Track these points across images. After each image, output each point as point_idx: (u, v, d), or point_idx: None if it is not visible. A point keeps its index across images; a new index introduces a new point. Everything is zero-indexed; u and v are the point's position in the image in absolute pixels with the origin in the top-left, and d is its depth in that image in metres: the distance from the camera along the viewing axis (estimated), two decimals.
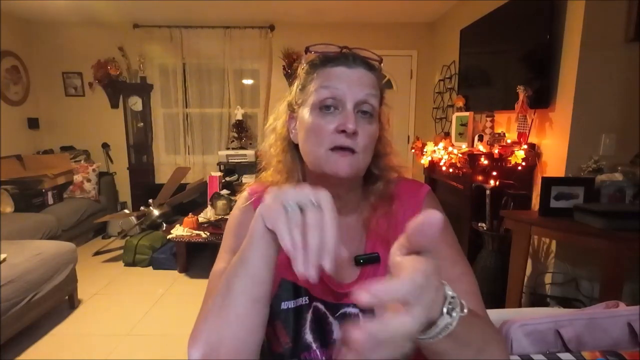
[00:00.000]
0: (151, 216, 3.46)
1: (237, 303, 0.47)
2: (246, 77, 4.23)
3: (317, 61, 0.61)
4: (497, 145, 2.18)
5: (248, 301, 0.47)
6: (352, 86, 0.57)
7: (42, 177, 3.46)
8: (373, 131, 0.60)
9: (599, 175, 1.77)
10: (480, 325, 0.45)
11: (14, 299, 1.85)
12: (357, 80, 0.58)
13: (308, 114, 0.60)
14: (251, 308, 0.48)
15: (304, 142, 0.61)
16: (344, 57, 0.59)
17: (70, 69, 4.10)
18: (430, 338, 0.35)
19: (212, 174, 3.69)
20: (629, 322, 0.73)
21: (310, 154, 0.61)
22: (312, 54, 0.62)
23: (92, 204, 3.74)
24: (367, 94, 0.58)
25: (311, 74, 0.61)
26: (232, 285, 0.48)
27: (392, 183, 0.67)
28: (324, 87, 0.58)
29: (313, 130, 0.59)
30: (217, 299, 0.49)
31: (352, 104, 0.57)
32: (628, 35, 1.79)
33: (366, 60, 0.61)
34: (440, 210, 0.68)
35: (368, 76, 0.60)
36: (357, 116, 0.58)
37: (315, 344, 0.64)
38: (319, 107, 0.58)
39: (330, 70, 0.59)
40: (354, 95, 0.57)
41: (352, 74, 0.58)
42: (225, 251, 0.63)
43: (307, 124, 0.60)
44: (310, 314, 0.64)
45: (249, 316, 0.48)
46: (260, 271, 0.47)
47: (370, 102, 0.58)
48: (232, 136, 4.16)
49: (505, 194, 2.11)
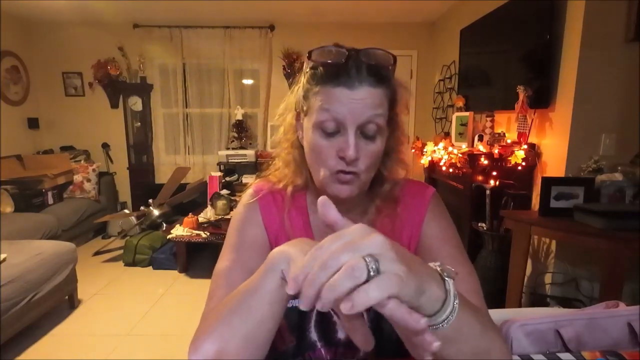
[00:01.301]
0: (151, 216, 3.46)
1: (242, 334, 0.46)
2: (246, 77, 4.23)
3: (319, 74, 0.57)
4: (497, 145, 2.18)
5: (253, 335, 0.46)
6: (355, 109, 0.54)
7: (42, 177, 3.46)
8: (377, 150, 0.58)
9: (599, 175, 1.77)
10: (476, 309, 0.45)
11: (14, 299, 1.85)
12: (360, 102, 0.54)
13: (311, 130, 0.58)
14: (254, 344, 0.47)
15: (308, 155, 0.61)
16: (347, 75, 0.54)
17: (70, 69, 4.10)
18: (448, 315, 0.37)
19: (212, 174, 3.69)
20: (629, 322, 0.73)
21: (314, 171, 0.61)
22: (313, 59, 0.58)
23: (92, 204, 3.73)
24: (371, 116, 0.55)
25: (313, 86, 0.58)
26: (235, 317, 0.47)
27: (398, 185, 0.66)
28: (325, 109, 0.55)
29: (315, 151, 0.58)
30: (222, 323, 0.47)
31: (353, 128, 0.55)
32: (628, 35, 1.79)
33: (374, 71, 0.55)
34: (445, 212, 0.68)
35: (374, 95, 0.55)
36: (359, 138, 0.56)
37: (320, 343, 0.64)
38: (320, 127, 0.57)
39: (331, 91, 0.55)
40: (355, 119, 0.54)
41: (355, 95, 0.54)
42: (229, 249, 0.62)
43: (310, 141, 0.59)
44: (315, 312, 0.64)
45: (252, 349, 0.47)
46: (270, 314, 0.46)
47: (375, 122, 0.55)
48: (232, 136, 4.16)
49: (505, 194, 2.11)
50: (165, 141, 4.30)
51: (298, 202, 0.67)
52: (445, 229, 0.65)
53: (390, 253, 0.32)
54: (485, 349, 0.44)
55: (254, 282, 0.47)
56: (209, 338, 0.48)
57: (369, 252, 0.31)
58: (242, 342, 0.46)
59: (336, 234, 0.34)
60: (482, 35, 2.73)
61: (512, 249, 1.87)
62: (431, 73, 3.99)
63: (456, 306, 0.38)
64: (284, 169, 0.67)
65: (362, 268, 0.30)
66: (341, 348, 0.65)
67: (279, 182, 0.67)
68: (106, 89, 4.10)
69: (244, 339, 0.46)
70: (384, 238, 0.33)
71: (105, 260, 3.25)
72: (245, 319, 0.46)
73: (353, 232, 0.34)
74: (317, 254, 0.33)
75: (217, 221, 3.04)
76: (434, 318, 0.37)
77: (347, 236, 0.33)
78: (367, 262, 0.30)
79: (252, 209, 0.66)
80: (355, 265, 0.30)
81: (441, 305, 0.37)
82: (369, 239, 0.32)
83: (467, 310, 0.41)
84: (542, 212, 1.77)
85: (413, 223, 0.65)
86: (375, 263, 0.31)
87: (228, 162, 3.98)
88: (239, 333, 0.46)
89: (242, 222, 0.66)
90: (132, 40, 4.00)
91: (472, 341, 0.43)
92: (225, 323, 0.47)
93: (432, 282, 0.36)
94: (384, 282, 0.30)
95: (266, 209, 0.67)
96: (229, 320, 0.47)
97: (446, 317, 0.37)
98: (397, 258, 0.32)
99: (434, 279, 0.37)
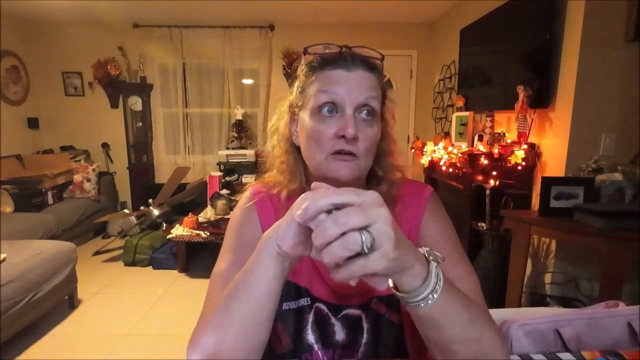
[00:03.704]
0: (151, 216, 3.46)
1: (241, 319, 0.47)
2: (246, 76, 4.23)
3: (316, 63, 0.60)
4: (497, 145, 2.18)
5: (251, 318, 0.47)
6: (351, 90, 0.56)
7: (42, 177, 3.46)
8: (374, 134, 0.59)
9: (599, 175, 1.77)
10: (467, 299, 0.47)
11: (14, 299, 1.85)
12: (356, 83, 0.57)
13: (308, 118, 0.59)
14: (252, 328, 0.47)
15: (305, 146, 0.61)
16: (343, 59, 0.58)
17: (70, 68, 4.10)
18: (432, 291, 0.41)
19: (212, 173, 3.70)
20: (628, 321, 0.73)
21: (311, 159, 0.60)
22: (310, 55, 0.61)
23: (92, 204, 3.74)
24: (367, 97, 0.57)
25: (310, 77, 0.60)
26: (234, 301, 0.47)
27: (395, 185, 0.66)
28: (323, 91, 0.57)
29: (313, 136, 0.58)
30: (220, 311, 0.48)
31: (351, 108, 0.56)
32: (628, 35, 1.79)
33: (366, 60, 0.59)
34: (443, 212, 0.68)
35: (368, 78, 0.58)
36: (357, 120, 0.57)
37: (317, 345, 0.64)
38: (318, 111, 0.58)
39: (329, 73, 0.58)
40: (353, 99, 0.56)
41: (351, 77, 0.57)
42: (227, 251, 0.62)
43: (307, 129, 0.59)
44: (312, 314, 0.64)
45: (250, 335, 0.47)
46: (268, 292, 0.46)
47: (371, 105, 0.57)
48: (232, 136, 4.16)
49: (505, 194, 2.11)
50: (165, 141, 4.29)
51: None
52: (444, 229, 0.65)
53: (389, 230, 0.35)
54: (475, 338, 0.46)
55: (249, 263, 0.47)
56: (206, 330, 0.48)
57: (374, 221, 0.35)
58: (241, 326, 0.46)
59: (355, 190, 0.37)
60: (482, 35, 2.73)
61: (512, 249, 1.87)
62: (431, 73, 3.99)
63: (438, 288, 0.41)
64: (278, 176, 0.67)
65: (357, 242, 0.34)
66: (338, 350, 0.64)
67: (274, 186, 0.68)
68: (106, 88, 4.09)
69: (243, 322, 0.46)
70: (389, 214, 0.36)
71: (105, 260, 3.25)
72: (244, 301, 0.46)
73: (368, 195, 0.37)
74: (332, 199, 0.36)
75: (217, 221, 3.04)
76: (413, 294, 0.41)
77: (364, 197, 0.37)
78: (362, 238, 0.34)
79: (249, 211, 0.66)
80: (351, 239, 0.34)
81: (421, 283, 0.41)
82: (378, 210, 0.36)
83: (454, 297, 0.44)
84: (542, 212, 1.76)
85: (411, 222, 0.65)
86: (370, 240, 0.34)
87: (228, 162, 3.98)
88: (238, 318, 0.46)
89: (240, 224, 0.66)
90: (132, 40, 4.00)
91: (458, 327, 0.45)
92: (222, 311, 0.48)
93: (415, 263, 0.40)
94: (371, 263, 0.35)
95: (263, 211, 0.67)
96: (225, 308, 0.47)
97: (425, 296, 0.41)
98: (392, 236, 0.35)
99: (419, 260, 0.41)
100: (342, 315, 0.64)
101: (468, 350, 0.46)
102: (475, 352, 0.46)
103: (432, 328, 0.45)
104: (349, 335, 0.64)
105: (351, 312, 0.64)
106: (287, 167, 0.66)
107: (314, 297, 0.64)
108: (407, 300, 0.42)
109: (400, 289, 0.42)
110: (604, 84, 1.85)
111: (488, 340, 0.47)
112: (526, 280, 2.10)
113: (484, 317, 0.48)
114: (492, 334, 0.47)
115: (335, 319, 0.64)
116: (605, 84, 1.84)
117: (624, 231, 1.47)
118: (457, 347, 0.45)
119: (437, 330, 0.45)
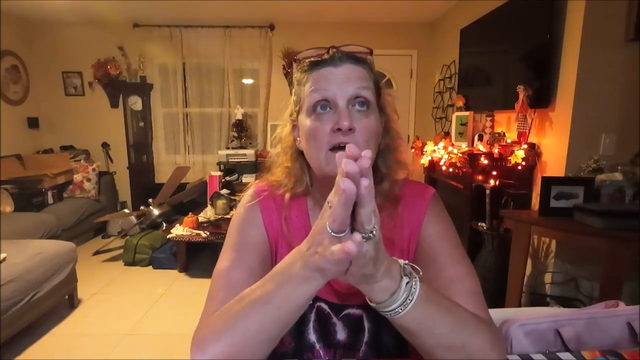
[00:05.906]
0: (151, 216, 3.46)
1: (260, 340, 0.47)
2: (246, 76, 4.23)
3: (306, 67, 0.62)
4: (497, 144, 2.18)
5: (269, 341, 0.48)
6: (341, 83, 0.57)
7: (42, 177, 3.46)
8: (371, 124, 0.58)
9: (598, 175, 1.77)
10: (451, 308, 0.49)
11: (14, 299, 1.85)
12: (345, 76, 0.58)
13: (305, 119, 0.60)
14: (268, 346, 0.48)
15: (306, 147, 0.61)
16: (330, 58, 0.59)
17: (70, 68, 4.10)
18: (401, 305, 0.43)
19: (212, 173, 3.69)
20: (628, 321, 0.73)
21: (312, 159, 0.60)
22: (301, 61, 0.63)
23: (92, 204, 3.73)
24: (357, 88, 0.58)
25: (302, 80, 0.62)
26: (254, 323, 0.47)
27: (397, 184, 0.66)
28: (314, 90, 0.58)
29: (311, 134, 0.58)
30: (238, 328, 0.47)
31: (344, 101, 0.57)
32: (628, 35, 1.79)
33: (352, 55, 0.60)
34: (444, 213, 0.68)
35: (357, 70, 0.59)
36: (352, 112, 0.57)
37: (319, 344, 0.64)
38: (313, 110, 0.58)
39: (318, 72, 0.59)
40: (344, 92, 0.57)
41: (339, 71, 0.58)
42: (229, 249, 0.62)
43: (305, 130, 0.60)
44: (313, 314, 0.64)
45: (265, 351, 0.48)
46: (296, 318, 0.47)
47: (362, 95, 0.58)
48: (232, 136, 4.16)
49: (505, 194, 2.11)
50: (165, 141, 4.29)
51: (299, 205, 0.68)
52: (445, 230, 0.65)
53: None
54: (459, 345, 0.47)
55: (277, 285, 0.46)
56: (219, 341, 0.47)
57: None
58: (259, 345, 0.47)
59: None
60: (482, 35, 2.73)
61: (512, 249, 1.87)
62: (431, 73, 3.98)
63: (409, 302, 0.43)
64: (284, 179, 0.67)
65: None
66: (340, 349, 0.65)
67: (279, 187, 0.68)
68: (106, 88, 4.09)
69: (260, 342, 0.47)
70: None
71: (105, 259, 3.25)
72: (266, 325, 0.46)
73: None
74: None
75: (217, 221, 3.04)
76: (382, 305, 0.44)
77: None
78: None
79: (253, 210, 0.67)
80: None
81: (388, 297, 0.43)
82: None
83: (433, 309, 0.46)
84: (542, 212, 1.77)
85: (413, 223, 0.65)
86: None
87: (228, 162, 3.98)
88: (257, 339, 0.47)
89: (243, 222, 0.66)
90: (132, 40, 3.99)
91: (439, 337, 0.46)
92: (241, 331, 0.47)
93: (385, 278, 0.42)
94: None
95: (267, 211, 0.67)
96: (245, 329, 0.47)
97: (393, 309, 0.43)
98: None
99: (389, 275, 0.43)
100: (344, 315, 0.64)
101: (453, 355, 0.47)
102: (461, 357, 0.47)
103: (409, 336, 0.48)
104: (350, 334, 0.64)
105: (352, 311, 0.64)
106: (292, 174, 0.66)
107: (316, 296, 0.64)
108: (378, 309, 0.45)
109: (369, 299, 0.45)
110: (604, 84, 1.84)
111: (475, 346, 0.48)
112: (526, 280, 2.10)
113: (472, 323, 0.49)
114: (480, 341, 0.48)
115: (336, 319, 0.64)
116: (605, 84, 1.84)
117: (624, 231, 1.47)
118: (440, 353, 0.48)
119: (416, 338, 0.47)
